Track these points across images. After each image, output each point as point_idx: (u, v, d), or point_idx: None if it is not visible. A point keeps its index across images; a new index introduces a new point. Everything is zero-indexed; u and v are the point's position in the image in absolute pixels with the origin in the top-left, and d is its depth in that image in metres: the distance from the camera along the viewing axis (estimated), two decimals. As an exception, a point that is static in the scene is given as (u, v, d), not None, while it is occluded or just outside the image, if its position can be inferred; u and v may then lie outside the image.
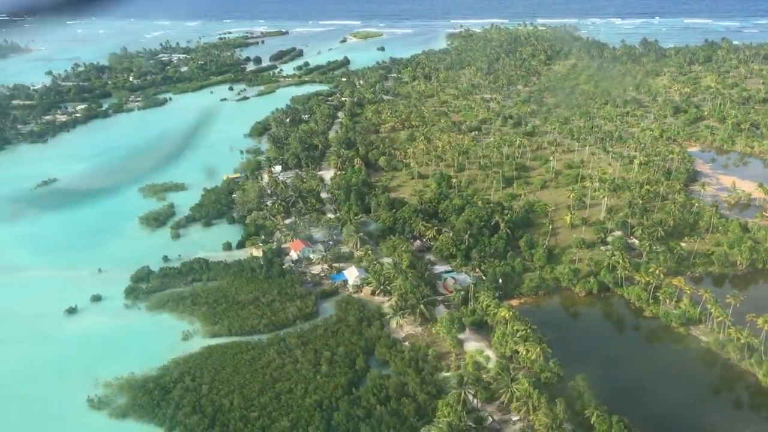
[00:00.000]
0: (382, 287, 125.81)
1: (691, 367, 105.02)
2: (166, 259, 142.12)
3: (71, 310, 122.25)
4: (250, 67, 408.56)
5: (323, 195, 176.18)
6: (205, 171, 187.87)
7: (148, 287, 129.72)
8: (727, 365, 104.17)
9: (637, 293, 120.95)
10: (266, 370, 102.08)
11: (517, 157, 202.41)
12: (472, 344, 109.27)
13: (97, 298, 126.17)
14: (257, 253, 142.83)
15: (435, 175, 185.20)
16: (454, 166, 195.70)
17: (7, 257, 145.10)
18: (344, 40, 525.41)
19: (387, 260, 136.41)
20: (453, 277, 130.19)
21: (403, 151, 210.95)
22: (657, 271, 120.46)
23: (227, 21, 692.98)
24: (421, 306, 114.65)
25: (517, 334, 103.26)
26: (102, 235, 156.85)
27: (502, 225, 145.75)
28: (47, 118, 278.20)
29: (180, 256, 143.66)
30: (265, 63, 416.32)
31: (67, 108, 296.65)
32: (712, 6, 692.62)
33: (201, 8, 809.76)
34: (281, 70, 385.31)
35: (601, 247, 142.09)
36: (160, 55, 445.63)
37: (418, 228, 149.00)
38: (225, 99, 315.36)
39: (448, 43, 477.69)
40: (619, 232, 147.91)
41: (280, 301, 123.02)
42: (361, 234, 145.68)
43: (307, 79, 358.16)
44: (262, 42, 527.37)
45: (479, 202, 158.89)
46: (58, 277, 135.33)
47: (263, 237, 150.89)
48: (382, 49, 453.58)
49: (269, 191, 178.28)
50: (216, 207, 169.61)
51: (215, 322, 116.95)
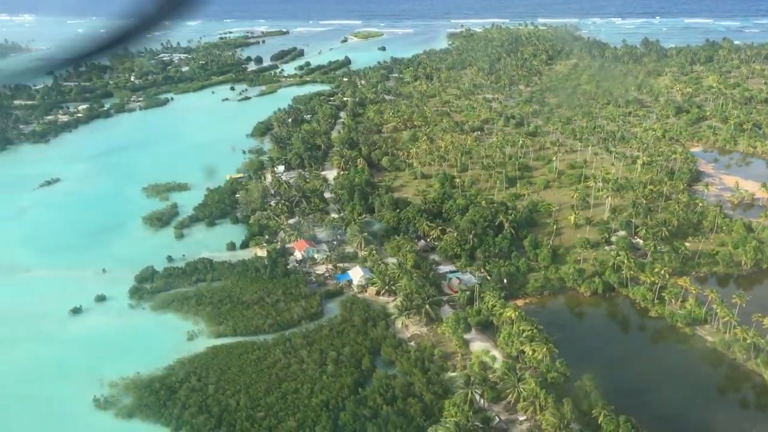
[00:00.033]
0: (387, 287, 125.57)
1: (697, 367, 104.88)
2: (170, 259, 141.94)
3: (76, 310, 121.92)
4: (252, 66, 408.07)
5: (326, 195, 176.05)
6: (205, 171, 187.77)
7: (153, 287, 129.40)
8: (733, 365, 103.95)
9: (643, 293, 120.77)
10: (272, 370, 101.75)
11: (520, 157, 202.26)
12: (478, 344, 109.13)
13: (101, 298, 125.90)
14: (261, 253, 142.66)
15: (438, 175, 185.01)
16: (457, 166, 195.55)
17: (11, 257, 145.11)
18: (345, 40, 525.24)
19: (391, 260, 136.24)
20: (458, 277, 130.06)
21: (405, 151, 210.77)
22: (662, 271, 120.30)
23: (227, 21, 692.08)
24: (427, 306, 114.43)
25: (523, 334, 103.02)
26: (105, 235, 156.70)
27: (506, 225, 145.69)
28: (49, 118, 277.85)
29: (184, 256, 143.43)
30: (267, 63, 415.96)
31: (68, 108, 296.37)
32: (712, 6, 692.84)
33: (201, 8, 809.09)
34: (282, 70, 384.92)
35: (606, 247, 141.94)
36: (161, 55, 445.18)
37: (422, 228, 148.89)
38: (227, 99, 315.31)
39: (449, 42, 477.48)
40: (623, 232, 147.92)
41: (285, 301, 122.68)
42: (366, 234, 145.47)
43: (308, 79, 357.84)
44: (263, 42, 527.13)
45: (483, 202, 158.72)
46: (62, 277, 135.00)
47: (267, 237, 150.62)
48: (383, 48, 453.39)
49: (272, 191, 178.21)
50: (219, 207, 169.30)
51: (220, 322, 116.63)
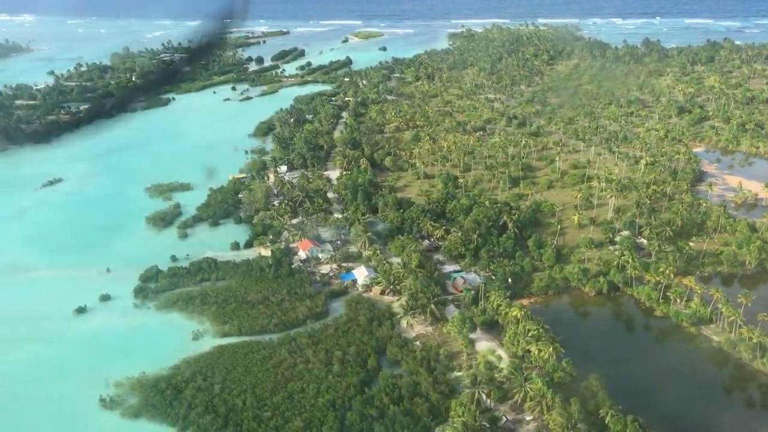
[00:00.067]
0: (391, 287, 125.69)
1: (703, 366, 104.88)
2: (174, 258, 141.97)
3: (80, 310, 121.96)
4: (253, 66, 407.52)
5: (329, 195, 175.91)
6: (205, 171, 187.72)
7: (157, 287, 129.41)
8: (739, 365, 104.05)
9: (648, 293, 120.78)
10: (278, 370, 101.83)
11: (523, 158, 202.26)
12: (484, 344, 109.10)
13: (106, 298, 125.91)
14: (265, 252, 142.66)
15: (441, 175, 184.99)
16: (460, 167, 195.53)
17: (15, 257, 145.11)
18: (346, 40, 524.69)
19: (396, 260, 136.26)
20: (462, 277, 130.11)
21: (408, 152, 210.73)
22: (667, 271, 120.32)
23: (227, 21, 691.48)
24: (432, 305, 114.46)
25: (529, 334, 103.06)
26: (109, 235, 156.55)
27: (510, 225, 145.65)
28: (51, 117, 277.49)
29: (188, 255, 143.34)
30: (268, 63, 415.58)
31: (70, 108, 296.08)
32: (712, 6, 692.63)
33: (201, 8, 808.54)
34: (283, 70, 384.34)
35: (610, 247, 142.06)
36: (162, 55, 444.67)
37: (426, 228, 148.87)
38: (228, 99, 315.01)
39: (450, 43, 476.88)
40: (626, 232, 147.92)
41: (290, 301, 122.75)
42: (370, 234, 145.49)
43: (309, 79, 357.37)
44: (264, 42, 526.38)
45: (487, 202, 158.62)
46: (66, 277, 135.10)
47: (271, 237, 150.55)
48: (384, 49, 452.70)
49: (275, 191, 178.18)
50: (222, 207, 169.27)
51: (225, 322, 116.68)
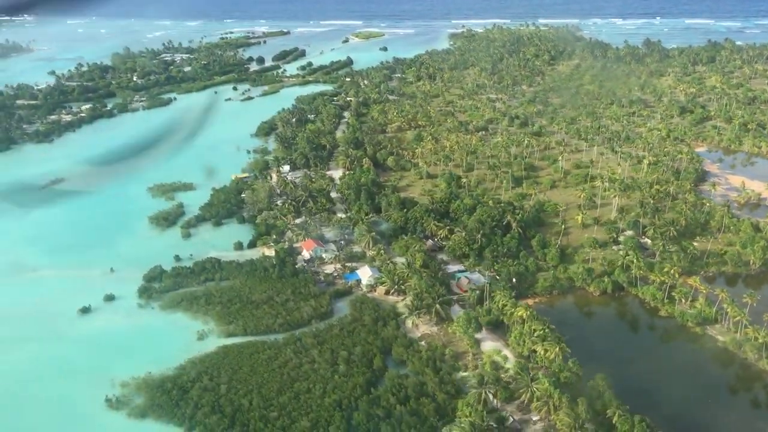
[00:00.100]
0: (396, 287, 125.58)
1: (708, 366, 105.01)
2: (177, 258, 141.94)
3: (85, 310, 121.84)
4: (254, 67, 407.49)
5: (332, 195, 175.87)
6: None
7: (161, 287, 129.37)
8: (745, 365, 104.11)
9: (652, 293, 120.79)
10: (283, 370, 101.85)
11: (525, 157, 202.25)
12: (489, 344, 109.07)
13: (110, 298, 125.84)
14: (269, 252, 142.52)
15: (444, 174, 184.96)
16: (463, 166, 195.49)
17: (19, 257, 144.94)
18: (346, 40, 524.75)
19: (400, 260, 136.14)
20: (466, 277, 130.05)
21: (410, 151, 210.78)
22: (672, 271, 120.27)
23: (228, 21, 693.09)
24: (437, 305, 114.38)
25: (535, 334, 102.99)
26: (112, 235, 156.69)
27: (514, 225, 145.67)
28: (52, 117, 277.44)
29: (192, 255, 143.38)
30: (268, 63, 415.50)
31: (71, 108, 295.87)
32: (713, 6, 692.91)
33: (201, 8, 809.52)
34: (284, 70, 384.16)
35: (613, 247, 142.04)
36: (163, 55, 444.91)
37: (429, 228, 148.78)
38: (229, 99, 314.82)
39: (451, 43, 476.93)
40: (630, 232, 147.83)
41: (294, 301, 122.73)
42: (373, 233, 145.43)
43: (310, 79, 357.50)
44: (264, 42, 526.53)
45: (490, 202, 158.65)
46: (70, 277, 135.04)
47: (274, 236, 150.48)
48: (385, 49, 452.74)
49: (278, 191, 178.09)
50: (225, 207, 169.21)
51: (230, 322, 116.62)
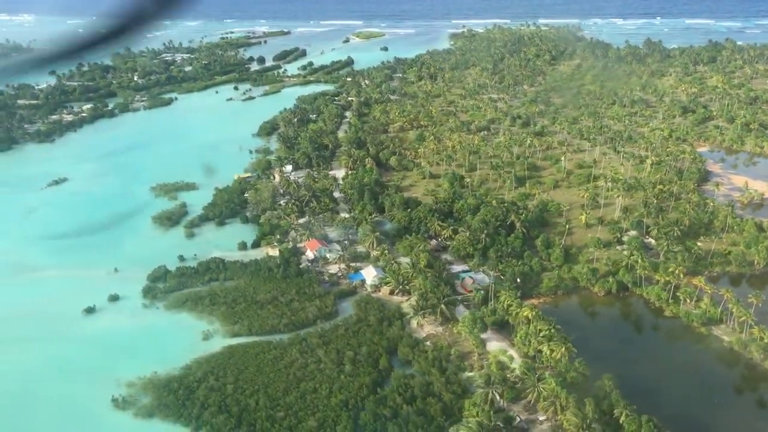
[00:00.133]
0: (400, 287, 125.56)
1: (714, 367, 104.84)
2: (181, 258, 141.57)
3: (89, 310, 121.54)
4: (254, 66, 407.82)
5: (335, 194, 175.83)
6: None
7: (166, 287, 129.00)
8: (750, 365, 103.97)
9: (657, 293, 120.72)
10: (290, 370, 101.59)
11: (528, 157, 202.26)
12: (494, 344, 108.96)
13: (114, 298, 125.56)
14: (273, 252, 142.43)
15: (447, 174, 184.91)
16: (465, 166, 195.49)
17: (22, 257, 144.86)
18: (347, 40, 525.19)
19: (404, 260, 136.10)
20: (471, 277, 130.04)
21: (413, 151, 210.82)
22: (677, 271, 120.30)
23: (228, 21, 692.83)
24: (442, 306, 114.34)
25: (541, 334, 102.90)
26: (115, 235, 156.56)
27: (518, 225, 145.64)
28: (54, 117, 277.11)
29: (195, 255, 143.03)
30: (269, 63, 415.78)
31: (73, 107, 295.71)
32: (713, 6, 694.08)
33: (201, 8, 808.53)
34: (285, 70, 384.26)
35: (617, 247, 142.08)
36: (164, 55, 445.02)
37: (433, 227, 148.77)
38: (231, 99, 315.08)
39: (451, 43, 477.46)
40: (634, 232, 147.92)
41: (299, 301, 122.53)
42: (378, 233, 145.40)
43: (311, 79, 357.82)
44: (265, 42, 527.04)
45: (493, 202, 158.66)
46: (74, 277, 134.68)
47: (278, 236, 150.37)
48: (386, 49, 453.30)
49: (281, 191, 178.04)
50: (229, 206, 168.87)
51: (235, 322, 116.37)
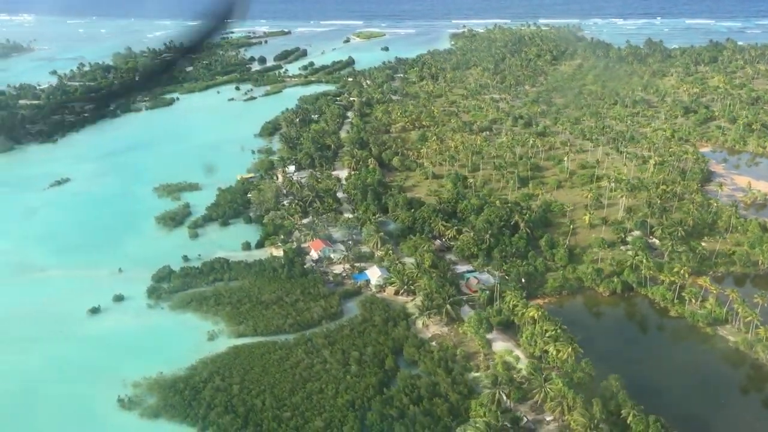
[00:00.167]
0: (405, 287, 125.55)
1: (720, 367, 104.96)
2: (185, 258, 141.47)
3: (94, 310, 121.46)
4: (255, 66, 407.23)
5: (338, 195, 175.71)
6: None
7: (170, 287, 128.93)
8: (756, 365, 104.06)
9: (662, 293, 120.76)
10: (295, 370, 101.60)
11: (531, 157, 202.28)
12: (500, 344, 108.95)
13: (119, 298, 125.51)
14: (277, 252, 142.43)
15: (450, 175, 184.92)
16: (468, 166, 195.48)
17: (26, 257, 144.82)
18: (347, 40, 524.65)
19: (408, 260, 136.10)
20: (476, 277, 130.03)
21: (415, 151, 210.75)
22: (682, 271, 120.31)
23: (228, 21, 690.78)
24: (448, 306, 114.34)
25: (547, 334, 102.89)
26: (119, 235, 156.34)
27: (522, 225, 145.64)
28: (55, 117, 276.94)
29: (200, 255, 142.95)
30: (270, 63, 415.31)
31: (74, 108, 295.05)
32: (713, 7, 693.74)
33: (201, 8, 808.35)
34: (286, 70, 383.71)
35: (621, 247, 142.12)
36: (164, 55, 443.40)
37: (437, 228, 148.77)
38: (232, 99, 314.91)
39: (452, 43, 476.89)
40: (638, 232, 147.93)
41: (304, 301, 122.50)
42: (382, 234, 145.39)
43: (313, 79, 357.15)
44: (265, 42, 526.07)
45: (497, 202, 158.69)
46: (78, 277, 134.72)
47: (282, 237, 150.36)
48: (386, 49, 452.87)
49: (284, 191, 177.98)
50: (232, 207, 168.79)
51: (240, 322, 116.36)
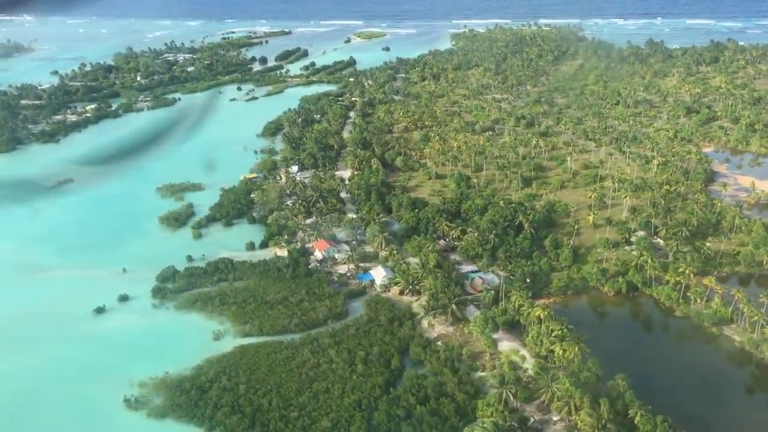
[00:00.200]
0: (410, 287, 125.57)
1: (726, 366, 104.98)
2: (190, 258, 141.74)
3: (99, 310, 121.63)
4: (257, 67, 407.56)
5: (342, 195, 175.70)
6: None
7: (175, 287, 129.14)
8: (762, 364, 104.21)
9: (667, 293, 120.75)
10: (302, 370, 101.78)
11: (534, 158, 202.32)
12: (506, 344, 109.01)
13: (124, 298, 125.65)
14: (281, 252, 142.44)
15: (453, 175, 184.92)
16: (471, 167, 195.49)
17: (30, 257, 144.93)
18: (348, 40, 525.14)
19: (413, 260, 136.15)
20: (480, 277, 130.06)
21: (418, 152, 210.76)
22: (687, 271, 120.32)
23: (229, 21, 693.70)
24: (453, 306, 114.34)
25: (553, 334, 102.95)
26: (123, 235, 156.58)
27: (526, 225, 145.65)
28: (57, 117, 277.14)
29: (204, 255, 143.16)
30: (271, 63, 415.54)
31: (76, 108, 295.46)
32: (713, 7, 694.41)
33: (202, 8, 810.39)
34: (288, 70, 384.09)
35: (626, 247, 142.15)
36: (165, 55, 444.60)
37: (441, 228, 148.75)
38: (234, 99, 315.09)
39: (453, 43, 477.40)
40: (642, 232, 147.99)
41: (309, 301, 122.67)
42: (386, 234, 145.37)
43: (314, 79, 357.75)
44: (266, 42, 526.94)
45: (501, 202, 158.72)
46: (83, 277, 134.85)
47: (286, 237, 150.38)
48: (387, 49, 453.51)
49: (288, 191, 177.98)
50: (236, 207, 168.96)
51: (245, 322, 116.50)
